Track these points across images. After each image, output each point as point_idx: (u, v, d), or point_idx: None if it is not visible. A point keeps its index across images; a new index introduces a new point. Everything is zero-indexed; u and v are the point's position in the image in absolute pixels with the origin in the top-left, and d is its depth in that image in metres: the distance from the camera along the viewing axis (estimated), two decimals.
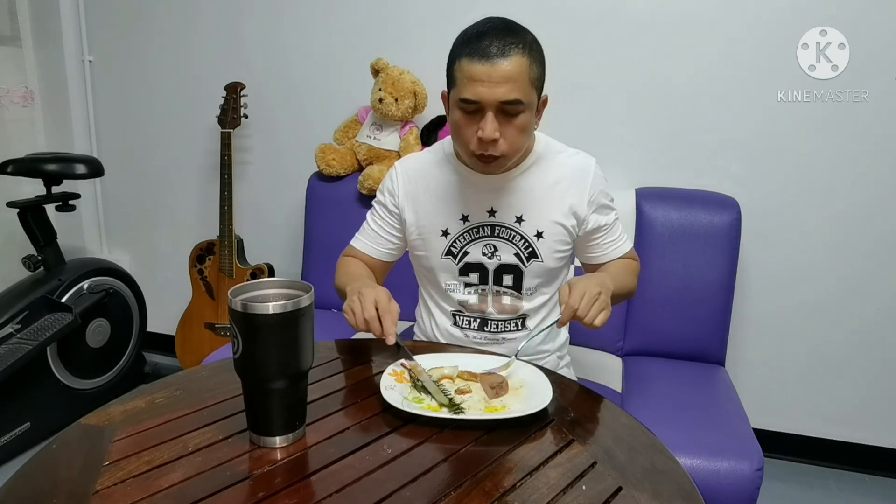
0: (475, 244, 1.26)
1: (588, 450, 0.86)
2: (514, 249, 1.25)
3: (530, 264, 1.26)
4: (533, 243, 1.24)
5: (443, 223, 1.26)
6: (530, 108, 1.11)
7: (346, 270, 1.31)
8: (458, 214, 1.25)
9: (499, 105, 1.07)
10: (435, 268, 1.30)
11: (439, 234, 1.27)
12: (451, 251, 1.27)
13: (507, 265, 1.26)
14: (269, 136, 2.42)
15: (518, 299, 1.29)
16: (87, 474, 0.78)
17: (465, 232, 1.26)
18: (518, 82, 1.06)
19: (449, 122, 1.18)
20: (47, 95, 2.59)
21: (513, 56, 1.05)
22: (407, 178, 1.29)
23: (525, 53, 1.07)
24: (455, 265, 1.28)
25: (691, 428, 1.42)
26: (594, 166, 1.26)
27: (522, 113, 1.09)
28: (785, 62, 1.84)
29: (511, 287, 1.28)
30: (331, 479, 0.79)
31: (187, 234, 2.54)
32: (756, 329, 2.02)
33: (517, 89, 1.06)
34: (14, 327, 2.00)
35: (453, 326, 1.33)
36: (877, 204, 1.87)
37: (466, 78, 1.07)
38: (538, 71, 1.11)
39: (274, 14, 2.30)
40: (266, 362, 0.82)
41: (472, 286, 1.29)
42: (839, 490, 1.96)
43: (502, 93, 1.06)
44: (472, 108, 1.09)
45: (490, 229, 1.25)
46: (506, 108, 1.08)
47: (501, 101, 1.06)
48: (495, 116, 1.08)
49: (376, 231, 1.33)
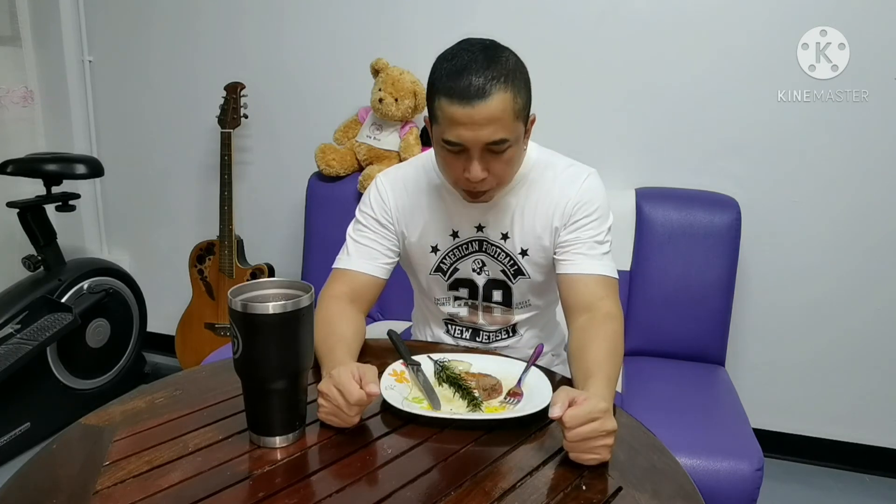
0: (465, 260, 1.24)
1: None
2: (500, 266, 1.23)
3: (517, 281, 1.23)
4: (518, 260, 1.21)
5: (433, 239, 1.23)
6: (517, 142, 1.06)
7: (323, 334, 1.08)
8: (447, 230, 1.22)
9: (483, 146, 1.03)
10: (424, 283, 1.28)
11: (429, 249, 1.24)
12: (440, 267, 1.25)
13: (495, 280, 1.24)
14: (269, 136, 2.42)
15: (509, 312, 1.28)
16: (87, 474, 0.78)
17: (455, 248, 1.23)
18: (502, 121, 1.01)
19: (433, 146, 1.13)
20: (47, 95, 2.59)
21: (495, 94, 0.99)
22: (395, 192, 1.24)
23: (507, 87, 1.00)
24: (445, 281, 1.26)
25: (691, 428, 1.42)
26: (584, 179, 1.18)
27: (510, 148, 1.05)
28: (785, 62, 1.84)
29: (501, 302, 1.26)
30: (331, 479, 0.79)
31: (187, 234, 2.54)
32: (756, 329, 2.02)
33: (502, 129, 1.01)
34: (14, 327, 1.99)
35: (446, 335, 1.33)
36: (877, 204, 1.86)
37: (448, 119, 1.02)
38: (523, 100, 1.04)
39: (274, 14, 2.30)
40: (266, 362, 0.82)
41: (461, 300, 1.28)
42: (839, 490, 1.96)
43: (486, 135, 1.01)
44: (457, 149, 1.05)
45: (478, 244, 1.22)
46: (491, 148, 1.04)
47: (486, 142, 1.02)
48: (481, 156, 1.04)
49: (369, 246, 1.21)
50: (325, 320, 1.11)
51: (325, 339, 1.06)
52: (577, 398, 0.82)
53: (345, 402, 0.87)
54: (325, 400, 0.89)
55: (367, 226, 1.23)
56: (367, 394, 0.87)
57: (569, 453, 0.82)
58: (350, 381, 0.88)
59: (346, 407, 0.87)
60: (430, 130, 1.13)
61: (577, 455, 0.82)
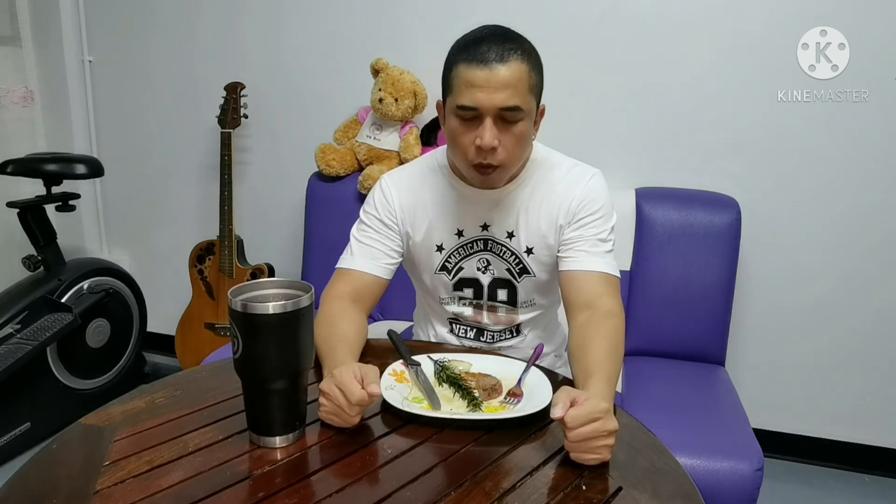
0: (469, 259, 1.24)
1: None
2: (505, 265, 1.23)
3: (522, 279, 1.24)
4: (523, 259, 1.22)
5: (438, 238, 1.23)
6: (529, 116, 1.08)
7: (324, 333, 1.08)
8: (453, 229, 1.22)
9: (497, 112, 1.04)
10: (429, 283, 1.28)
11: (434, 249, 1.24)
12: (445, 266, 1.25)
13: (500, 279, 1.25)
14: (269, 136, 2.42)
15: (513, 312, 1.28)
16: (87, 474, 0.78)
17: (460, 247, 1.23)
18: (517, 88, 1.03)
19: (445, 132, 1.14)
20: (47, 95, 2.59)
21: (512, 62, 1.03)
22: (399, 193, 1.24)
23: (524, 60, 1.04)
24: (449, 280, 1.26)
25: (691, 428, 1.42)
26: (589, 178, 1.19)
27: (521, 121, 1.06)
28: (785, 62, 1.84)
29: (506, 302, 1.26)
30: (331, 479, 0.79)
31: (187, 234, 2.54)
32: (756, 329, 2.02)
33: (516, 95, 1.03)
34: (14, 327, 2.00)
35: (449, 334, 1.33)
36: (877, 204, 1.86)
37: (464, 84, 1.04)
38: (537, 79, 1.08)
39: (274, 14, 2.30)
40: (266, 362, 0.82)
41: (466, 300, 1.28)
42: (839, 490, 1.96)
43: (501, 99, 1.03)
44: (470, 115, 1.06)
45: (483, 243, 1.23)
46: (505, 115, 1.05)
47: (500, 107, 1.03)
48: (494, 124, 1.05)
49: (373, 246, 1.21)
50: (327, 320, 1.11)
51: (326, 339, 1.05)
52: (578, 398, 0.82)
53: (346, 402, 0.87)
54: (327, 399, 0.89)
55: (370, 226, 1.23)
56: (368, 394, 0.87)
57: (569, 453, 0.82)
58: (352, 381, 0.88)
59: (348, 407, 0.87)
60: (441, 115, 1.15)
61: (578, 455, 0.82)
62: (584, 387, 0.94)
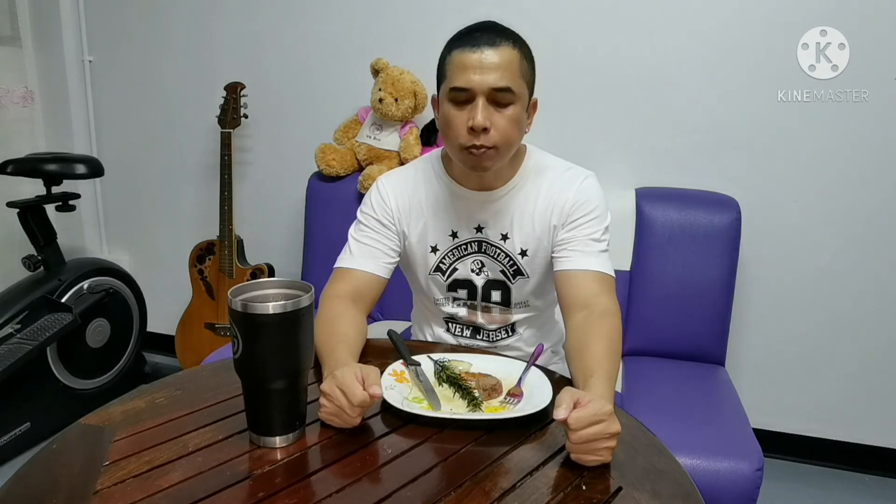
0: (463, 261, 1.24)
1: None
2: (499, 267, 1.24)
3: (516, 281, 1.24)
4: (517, 261, 1.22)
5: (432, 239, 1.24)
6: (521, 102, 1.09)
7: (324, 333, 1.08)
8: (447, 231, 1.23)
9: (490, 92, 1.06)
10: (424, 283, 1.29)
11: (428, 250, 1.25)
12: (439, 267, 1.26)
13: (495, 281, 1.25)
14: (269, 136, 2.42)
15: (507, 312, 1.28)
16: (87, 474, 0.78)
17: (454, 248, 1.24)
18: (509, 71, 1.06)
19: (438, 122, 1.16)
20: (47, 95, 2.59)
21: (503, 47, 1.06)
22: (396, 193, 1.25)
23: (515, 47, 1.08)
24: (444, 282, 1.26)
25: (691, 428, 1.42)
26: (583, 180, 1.19)
27: (513, 104, 1.08)
28: (785, 62, 1.84)
29: (499, 302, 1.27)
30: (331, 479, 0.79)
31: (187, 234, 2.54)
32: (756, 329, 2.02)
33: (508, 77, 1.06)
34: (14, 327, 2.00)
35: (446, 333, 1.33)
36: (877, 204, 1.86)
37: (457, 67, 1.07)
38: (528, 67, 1.11)
39: (274, 14, 2.30)
40: (266, 362, 0.82)
41: (460, 300, 1.28)
42: (839, 490, 1.96)
43: (493, 80, 1.05)
44: (463, 97, 1.07)
45: (478, 245, 1.23)
46: (497, 97, 1.07)
47: (492, 87, 1.06)
48: (486, 105, 1.07)
49: (371, 245, 1.22)
50: (327, 320, 1.11)
51: (326, 339, 1.05)
52: (581, 399, 0.82)
53: (347, 403, 0.87)
54: (328, 400, 0.89)
55: (368, 226, 1.24)
56: (369, 395, 0.87)
57: (570, 454, 0.82)
58: (353, 383, 0.88)
59: (349, 408, 0.87)
60: (436, 109, 1.16)
61: (579, 456, 0.82)
62: (584, 387, 0.94)
